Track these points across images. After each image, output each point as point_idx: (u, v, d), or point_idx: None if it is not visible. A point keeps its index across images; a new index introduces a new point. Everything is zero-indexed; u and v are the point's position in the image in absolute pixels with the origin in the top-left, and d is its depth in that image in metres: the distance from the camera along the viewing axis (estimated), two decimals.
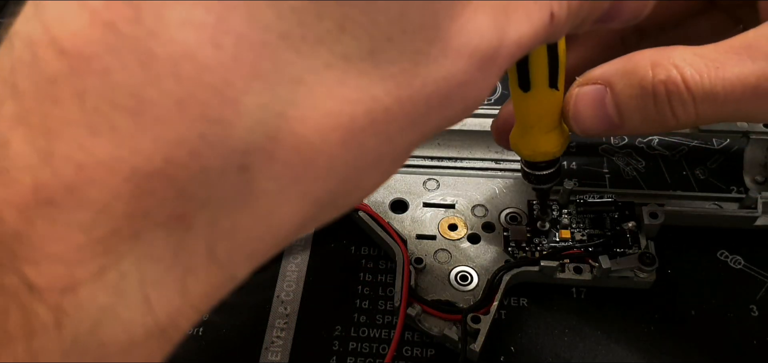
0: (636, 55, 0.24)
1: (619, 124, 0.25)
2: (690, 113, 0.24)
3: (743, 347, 0.31)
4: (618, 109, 0.25)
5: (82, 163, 0.13)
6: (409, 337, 0.32)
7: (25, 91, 0.14)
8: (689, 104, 0.23)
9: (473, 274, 0.33)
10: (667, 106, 0.24)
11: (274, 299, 0.34)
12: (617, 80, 0.24)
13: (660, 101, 0.24)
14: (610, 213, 0.35)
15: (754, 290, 0.33)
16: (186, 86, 0.13)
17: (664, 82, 0.23)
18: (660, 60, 0.23)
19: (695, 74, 0.23)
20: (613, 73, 0.25)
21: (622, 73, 0.24)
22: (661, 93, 0.23)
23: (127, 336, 0.15)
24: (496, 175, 0.38)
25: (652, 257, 0.32)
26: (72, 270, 0.14)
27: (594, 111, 0.25)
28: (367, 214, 0.35)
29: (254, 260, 0.16)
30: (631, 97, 0.24)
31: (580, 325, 0.32)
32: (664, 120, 0.24)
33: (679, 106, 0.23)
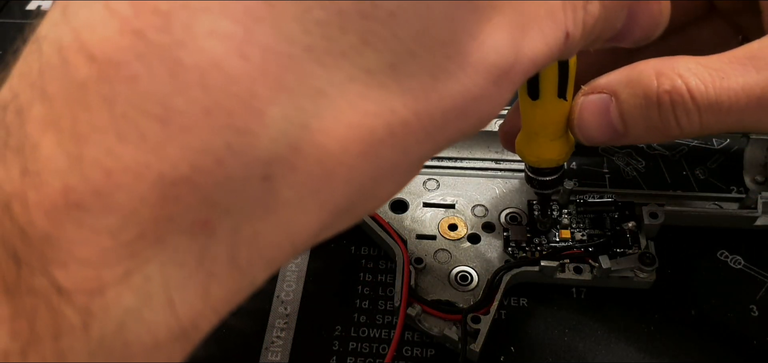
0: (640, 65, 0.24)
1: (624, 132, 0.25)
2: (694, 123, 0.24)
3: (743, 347, 0.31)
4: (622, 119, 0.25)
5: (110, 168, 0.13)
6: (409, 337, 0.32)
7: (54, 95, 0.14)
8: (694, 114, 0.23)
9: (473, 274, 0.33)
10: (671, 116, 0.24)
11: (274, 299, 0.34)
12: (622, 90, 0.25)
13: (664, 111, 0.24)
14: (610, 213, 0.35)
15: (754, 290, 0.33)
16: (213, 96, 0.14)
17: (668, 92, 0.23)
18: (665, 70, 0.23)
19: (700, 84, 0.23)
20: (617, 83, 0.25)
21: (627, 82, 0.24)
22: (665, 102, 0.23)
23: (152, 337, 0.15)
24: (496, 175, 0.38)
25: (652, 257, 0.32)
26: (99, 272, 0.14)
27: (599, 120, 0.25)
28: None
29: (273, 266, 0.17)
30: (635, 106, 0.24)
31: (580, 325, 0.32)
32: (669, 129, 0.24)
33: (683, 116, 0.24)
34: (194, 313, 0.16)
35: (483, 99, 0.17)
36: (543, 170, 0.29)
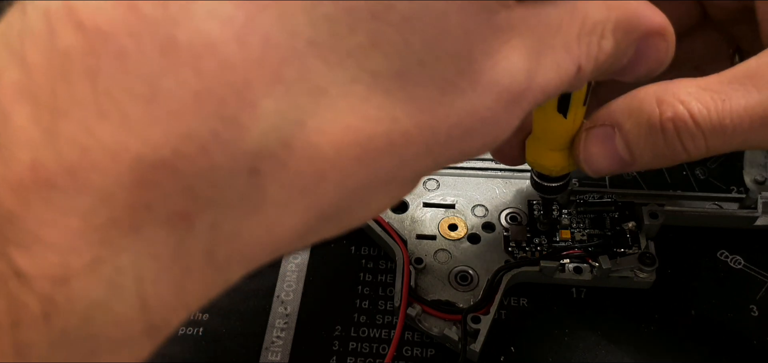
0: (640, 93, 0.24)
1: (631, 162, 0.25)
2: (701, 147, 0.23)
3: (743, 347, 0.31)
4: (629, 149, 0.24)
5: (86, 146, 0.13)
6: (409, 337, 0.32)
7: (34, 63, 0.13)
8: (699, 138, 0.23)
9: (473, 274, 0.33)
10: (677, 142, 0.24)
11: (274, 299, 0.34)
12: (625, 120, 0.24)
13: (670, 137, 0.23)
14: (610, 213, 0.35)
15: (754, 290, 0.33)
16: (205, 80, 0.13)
17: (672, 119, 0.23)
18: (665, 97, 0.23)
19: (702, 108, 0.23)
20: (619, 114, 0.24)
21: (629, 112, 0.24)
22: (669, 129, 0.23)
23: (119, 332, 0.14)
24: (496, 175, 0.38)
25: (652, 257, 0.32)
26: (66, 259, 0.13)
27: (605, 152, 0.25)
28: None
29: (250, 265, 0.16)
30: (640, 136, 0.24)
31: (580, 325, 0.32)
32: (676, 155, 0.24)
33: (689, 141, 0.23)
34: (166, 308, 0.15)
35: (491, 122, 0.17)
36: (552, 177, 0.30)
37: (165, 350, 0.33)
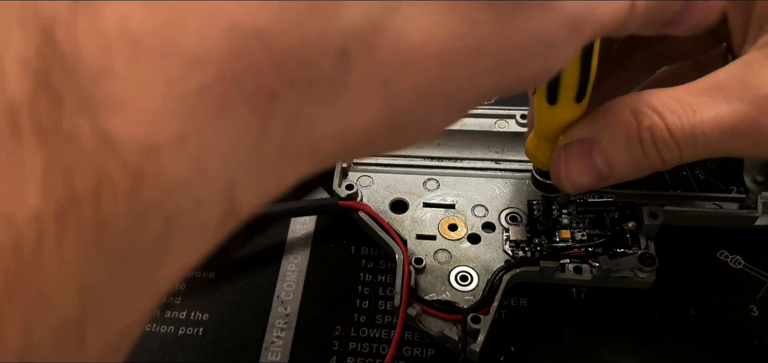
0: (613, 105, 0.25)
1: (609, 174, 0.25)
2: (675, 156, 0.24)
3: (743, 347, 0.31)
4: (608, 162, 0.25)
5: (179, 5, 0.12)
6: (409, 337, 0.32)
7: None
8: (674, 148, 0.24)
9: (473, 274, 0.33)
10: (654, 152, 0.24)
11: (274, 299, 0.34)
12: (602, 134, 0.25)
13: (647, 147, 0.24)
14: (610, 213, 0.35)
15: (754, 290, 0.33)
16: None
17: (649, 128, 0.24)
18: (640, 107, 0.24)
19: (675, 119, 0.23)
20: (596, 127, 0.25)
21: (606, 125, 0.25)
22: (647, 139, 0.24)
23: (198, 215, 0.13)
24: (496, 175, 0.38)
25: (652, 257, 0.32)
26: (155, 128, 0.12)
27: (584, 167, 0.25)
28: (367, 214, 0.35)
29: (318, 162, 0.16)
30: (619, 148, 0.24)
31: (580, 325, 0.32)
32: (652, 164, 0.25)
33: (665, 150, 0.24)
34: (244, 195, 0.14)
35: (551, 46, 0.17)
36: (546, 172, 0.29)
37: (165, 350, 0.33)
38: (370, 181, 0.37)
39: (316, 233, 0.37)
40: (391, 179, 0.37)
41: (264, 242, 0.37)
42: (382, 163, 0.38)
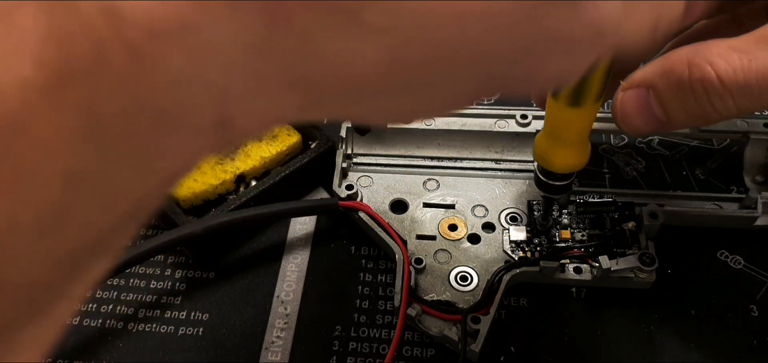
0: (673, 55, 0.25)
1: (667, 121, 0.26)
2: (730, 107, 0.24)
3: (743, 347, 0.31)
4: (663, 109, 0.25)
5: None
6: (409, 337, 0.32)
7: None
8: (728, 98, 0.24)
9: (473, 274, 0.33)
10: (706, 102, 0.24)
11: (274, 299, 0.34)
12: (657, 81, 0.25)
13: (700, 98, 0.24)
14: (610, 213, 0.35)
15: (754, 290, 0.33)
16: None
17: (700, 80, 0.24)
18: (695, 58, 0.24)
19: (729, 69, 0.23)
20: (653, 75, 0.25)
21: (661, 73, 0.25)
22: (699, 90, 0.24)
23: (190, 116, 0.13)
24: (496, 175, 0.38)
25: (652, 257, 0.32)
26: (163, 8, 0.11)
27: (640, 112, 0.26)
28: (367, 214, 0.35)
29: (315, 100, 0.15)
30: (672, 96, 0.25)
31: (580, 325, 0.32)
32: (708, 115, 0.25)
33: (718, 101, 0.24)
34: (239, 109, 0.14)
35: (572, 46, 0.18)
36: (558, 175, 0.29)
37: (165, 350, 0.33)
38: (370, 181, 0.37)
39: (316, 233, 0.37)
40: (391, 179, 0.37)
41: (264, 242, 0.37)
42: (382, 164, 0.38)
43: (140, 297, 0.34)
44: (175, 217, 0.34)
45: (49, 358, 0.32)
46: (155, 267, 0.35)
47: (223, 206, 0.35)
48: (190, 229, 0.33)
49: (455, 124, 0.38)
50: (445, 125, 0.38)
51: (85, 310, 0.34)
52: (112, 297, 0.34)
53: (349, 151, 0.38)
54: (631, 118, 0.26)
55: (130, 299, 0.34)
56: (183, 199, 0.35)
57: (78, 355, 0.32)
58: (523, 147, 0.38)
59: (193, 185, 0.36)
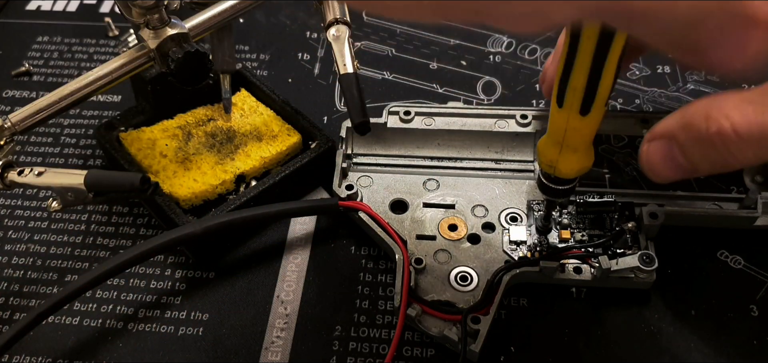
0: (691, 108, 0.26)
1: (693, 170, 0.27)
2: (749, 156, 0.25)
3: (743, 347, 0.31)
4: (688, 159, 0.27)
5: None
6: (409, 337, 0.32)
7: None
8: (745, 148, 0.25)
9: (473, 274, 0.33)
10: (727, 153, 0.25)
11: (274, 299, 0.34)
12: (679, 133, 0.26)
13: (719, 149, 0.25)
14: (610, 213, 0.35)
15: (754, 290, 0.33)
16: None
17: (718, 133, 0.25)
18: (712, 112, 0.25)
19: (743, 122, 0.24)
20: (674, 128, 0.27)
21: (682, 126, 0.26)
22: (718, 142, 0.25)
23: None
24: (496, 175, 0.38)
25: (651, 257, 0.32)
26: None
27: (666, 163, 0.27)
28: (367, 214, 0.35)
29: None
30: (694, 148, 0.26)
31: (580, 325, 0.32)
32: (729, 163, 0.26)
33: (737, 152, 0.25)
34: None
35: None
36: (561, 179, 0.30)
37: (165, 350, 0.33)
38: (370, 181, 0.37)
39: (316, 233, 0.37)
40: (391, 179, 0.37)
41: (264, 242, 0.37)
42: (382, 164, 0.38)
43: (140, 297, 0.34)
44: (175, 217, 0.34)
45: (50, 359, 0.32)
46: (155, 267, 0.36)
47: (223, 206, 0.35)
48: (190, 229, 0.33)
49: (455, 124, 0.38)
50: (445, 125, 0.38)
51: (85, 310, 0.34)
52: (112, 297, 0.34)
53: (349, 151, 0.38)
54: (658, 169, 0.28)
55: (130, 299, 0.34)
56: (183, 199, 0.35)
57: (78, 355, 0.32)
58: (523, 147, 0.38)
59: (193, 185, 0.36)
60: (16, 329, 0.31)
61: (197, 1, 0.37)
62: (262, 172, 0.38)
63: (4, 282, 0.35)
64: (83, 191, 0.32)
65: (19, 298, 0.34)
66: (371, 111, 0.36)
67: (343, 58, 0.35)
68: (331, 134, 0.38)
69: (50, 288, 0.35)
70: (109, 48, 0.49)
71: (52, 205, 0.32)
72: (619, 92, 0.43)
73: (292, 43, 0.48)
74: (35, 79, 0.47)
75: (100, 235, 0.37)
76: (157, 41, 0.35)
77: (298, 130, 0.39)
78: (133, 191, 0.32)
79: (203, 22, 0.37)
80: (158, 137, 0.38)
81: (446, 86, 0.45)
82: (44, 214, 0.38)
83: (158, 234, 0.35)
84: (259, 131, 0.39)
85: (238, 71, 0.41)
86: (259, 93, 0.41)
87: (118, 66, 0.35)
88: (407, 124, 0.38)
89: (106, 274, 0.32)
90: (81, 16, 0.52)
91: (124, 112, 0.40)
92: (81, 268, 0.36)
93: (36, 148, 0.42)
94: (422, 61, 0.46)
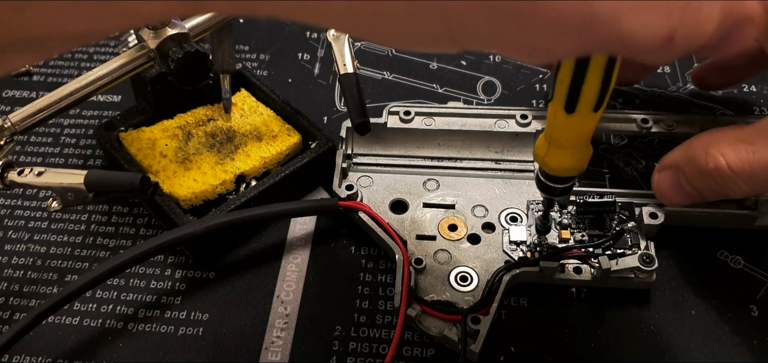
0: (694, 143, 0.30)
1: (700, 197, 0.31)
2: (744, 189, 0.29)
3: (743, 347, 0.31)
4: (693, 187, 0.31)
5: None
6: (409, 337, 0.32)
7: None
8: (740, 184, 0.28)
9: (473, 274, 0.33)
10: (724, 185, 0.29)
11: (274, 299, 0.34)
12: (684, 165, 0.30)
13: (718, 182, 0.29)
14: (610, 213, 0.35)
15: (754, 290, 0.33)
16: None
17: (715, 169, 0.29)
18: (710, 149, 0.29)
19: (737, 161, 0.28)
20: (680, 160, 0.31)
21: (686, 160, 0.30)
22: (716, 178, 0.29)
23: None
24: (496, 175, 0.38)
25: (651, 257, 0.32)
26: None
27: (675, 191, 0.31)
28: (367, 214, 0.35)
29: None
30: (697, 178, 0.30)
31: (580, 325, 0.32)
32: (729, 194, 0.30)
33: (732, 185, 0.29)
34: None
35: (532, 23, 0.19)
36: (559, 178, 0.29)
37: (165, 350, 0.33)
38: (370, 182, 0.37)
39: (316, 233, 0.37)
40: (391, 179, 0.37)
41: (264, 242, 0.37)
42: (382, 164, 0.38)
43: (140, 297, 0.34)
44: (175, 217, 0.34)
45: (50, 359, 0.32)
46: (155, 267, 0.35)
47: (223, 206, 0.35)
48: (190, 229, 0.33)
49: (455, 124, 0.38)
50: (445, 125, 0.38)
51: (85, 310, 0.34)
52: (112, 297, 0.34)
53: (349, 151, 0.38)
54: (669, 196, 0.32)
55: (130, 299, 0.34)
56: (183, 199, 0.35)
57: (78, 355, 0.32)
58: (523, 147, 0.38)
59: (193, 185, 0.36)
60: (16, 329, 0.31)
61: None
62: (262, 172, 0.38)
63: (4, 282, 0.35)
64: (83, 191, 0.32)
65: (19, 298, 0.34)
66: (371, 111, 0.36)
67: (343, 58, 0.35)
68: (331, 134, 0.38)
69: (50, 288, 0.35)
70: (109, 48, 0.49)
71: (52, 205, 0.33)
72: (619, 92, 0.43)
73: (292, 43, 0.48)
74: (35, 79, 0.47)
75: (100, 235, 0.37)
76: (157, 41, 0.35)
77: (298, 130, 0.39)
78: (133, 191, 0.32)
79: (203, 22, 0.37)
80: (158, 137, 0.38)
81: (446, 86, 0.45)
82: (44, 214, 0.38)
83: (158, 234, 0.35)
84: (259, 131, 0.39)
85: (238, 71, 0.41)
86: (259, 93, 0.41)
87: (118, 66, 0.35)
88: (407, 124, 0.38)
89: (106, 274, 0.32)
90: None
91: (124, 112, 0.40)
92: (81, 268, 0.36)
93: (36, 148, 0.42)
94: (422, 61, 0.46)
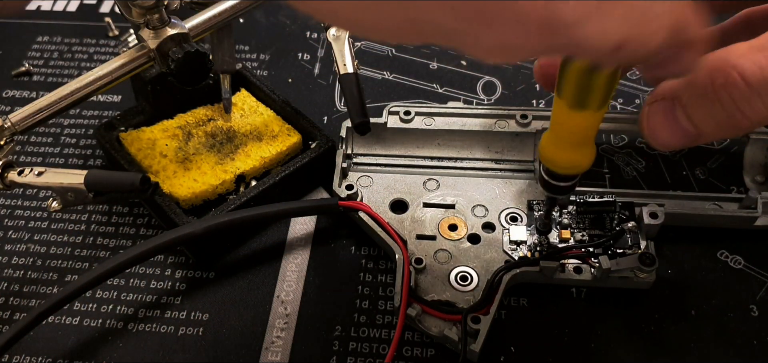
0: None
1: (697, 133, 0.25)
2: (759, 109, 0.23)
3: (743, 347, 0.31)
4: (691, 121, 0.25)
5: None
6: (409, 337, 0.32)
7: None
8: (755, 100, 0.23)
9: (473, 274, 0.33)
10: (734, 108, 0.23)
11: (274, 299, 0.34)
12: (682, 92, 0.24)
13: (726, 105, 0.23)
14: (610, 213, 0.35)
15: (754, 290, 0.33)
16: None
17: (724, 86, 0.23)
18: (718, 64, 0.23)
19: (755, 69, 0.23)
20: (677, 86, 0.25)
21: (686, 84, 0.24)
22: (724, 97, 0.23)
23: None
24: (496, 175, 0.38)
25: (652, 257, 0.32)
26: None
27: (668, 125, 0.25)
28: (367, 214, 0.35)
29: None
30: (698, 106, 0.24)
31: (580, 325, 0.32)
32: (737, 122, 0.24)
33: (745, 105, 0.23)
34: None
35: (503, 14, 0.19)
36: (563, 176, 0.29)
37: (165, 350, 0.33)
38: (370, 181, 0.37)
39: (316, 233, 0.37)
40: (391, 179, 0.37)
41: (264, 242, 0.37)
42: (382, 164, 0.38)
43: (140, 297, 0.34)
44: (175, 217, 0.34)
45: (50, 359, 0.32)
46: (155, 267, 0.36)
47: (223, 206, 0.35)
48: (190, 229, 0.33)
49: (455, 124, 0.38)
50: (445, 125, 0.38)
51: (85, 310, 0.34)
52: (112, 297, 0.34)
53: (349, 151, 0.38)
54: (658, 132, 0.26)
55: (130, 299, 0.34)
56: (183, 199, 0.35)
57: (78, 355, 0.32)
58: (523, 147, 0.38)
59: (193, 185, 0.36)
60: (16, 329, 0.31)
61: (197, 1, 0.37)
62: (262, 172, 0.38)
63: (4, 282, 0.35)
64: (83, 191, 0.32)
65: (19, 298, 0.34)
66: (371, 111, 0.36)
67: (343, 58, 0.35)
68: (331, 134, 0.38)
69: (50, 288, 0.35)
70: (109, 48, 0.49)
71: (52, 205, 0.33)
72: (619, 92, 0.43)
73: (292, 43, 0.48)
74: (35, 79, 0.47)
75: (100, 235, 0.37)
76: (157, 41, 0.35)
77: (298, 130, 0.39)
78: (133, 191, 0.32)
79: (203, 22, 0.37)
80: (158, 137, 0.38)
81: (446, 86, 0.45)
82: (44, 214, 0.38)
83: (158, 234, 0.35)
84: (259, 131, 0.39)
85: (238, 71, 0.41)
86: (259, 93, 0.41)
87: (118, 66, 0.35)
88: (407, 124, 0.38)
89: (106, 274, 0.32)
90: (81, 16, 0.52)
91: (124, 112, 0.40)
92: (81, 268, 0.36)
93: (36, 148, 0.42)
94: (422, 61, 0.46)
